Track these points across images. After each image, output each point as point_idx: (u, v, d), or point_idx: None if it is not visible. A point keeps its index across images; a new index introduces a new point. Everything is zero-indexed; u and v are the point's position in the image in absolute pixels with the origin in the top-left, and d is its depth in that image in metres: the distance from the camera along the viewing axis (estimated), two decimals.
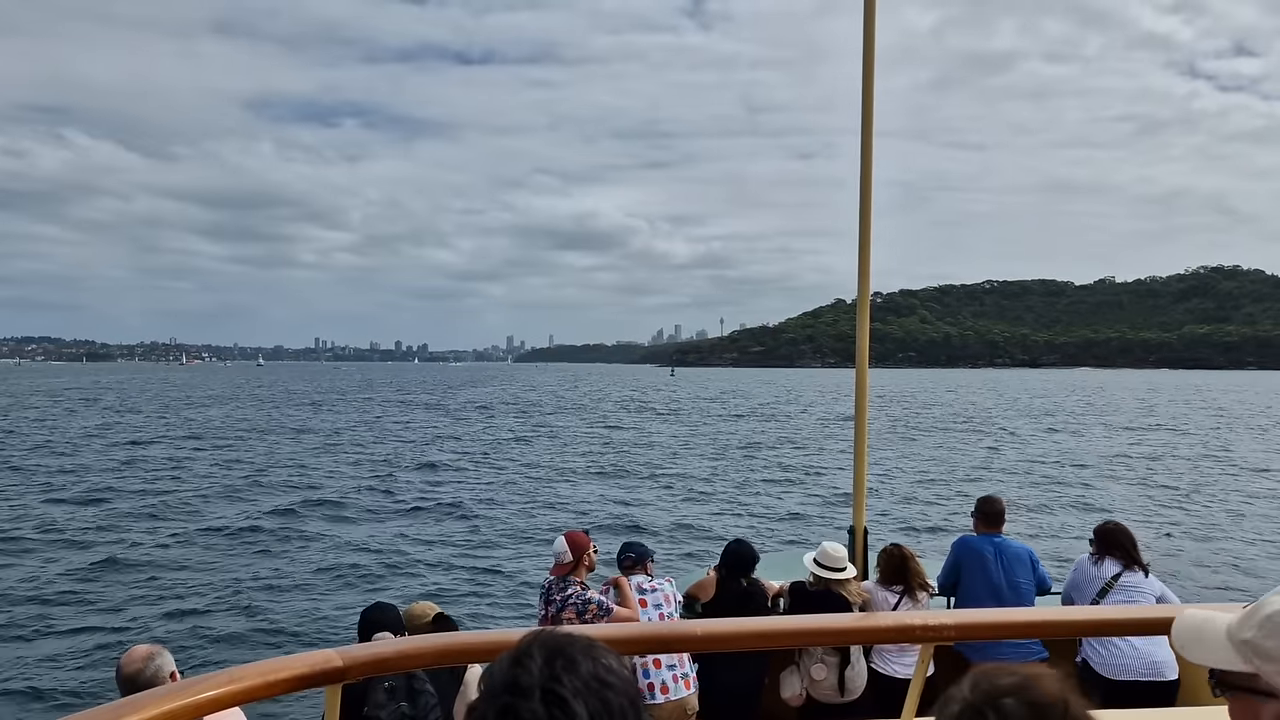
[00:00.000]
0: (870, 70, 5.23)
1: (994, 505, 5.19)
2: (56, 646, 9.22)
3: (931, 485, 22.64)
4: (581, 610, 4.29)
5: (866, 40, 5.21)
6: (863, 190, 5.30)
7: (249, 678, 1.61)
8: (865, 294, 5.37)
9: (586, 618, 4.26)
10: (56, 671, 8.52)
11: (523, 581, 12.31)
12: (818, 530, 15.98)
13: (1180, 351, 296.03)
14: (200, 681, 1.58)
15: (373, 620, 3.76)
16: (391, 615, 3.83)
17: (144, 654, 2.97)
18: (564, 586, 4.40)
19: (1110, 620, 3.09)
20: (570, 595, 4.35)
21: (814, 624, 2.70)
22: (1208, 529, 16.79)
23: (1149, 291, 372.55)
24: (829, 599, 4.70)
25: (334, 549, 14.18)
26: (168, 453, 28.82)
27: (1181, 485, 22.66)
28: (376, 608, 3.92)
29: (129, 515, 16.80)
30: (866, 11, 5.19)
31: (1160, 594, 4.76)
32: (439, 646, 2.02)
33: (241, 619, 10.27)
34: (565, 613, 4.30)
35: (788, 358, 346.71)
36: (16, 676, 8.39)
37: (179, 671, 3.03)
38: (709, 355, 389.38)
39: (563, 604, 4.33)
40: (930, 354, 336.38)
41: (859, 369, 5.35)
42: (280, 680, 1.65)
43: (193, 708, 1.50)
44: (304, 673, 1.69)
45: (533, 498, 20.04)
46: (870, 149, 5.27)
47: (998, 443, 34.87)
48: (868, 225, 5.29)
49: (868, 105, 5.25)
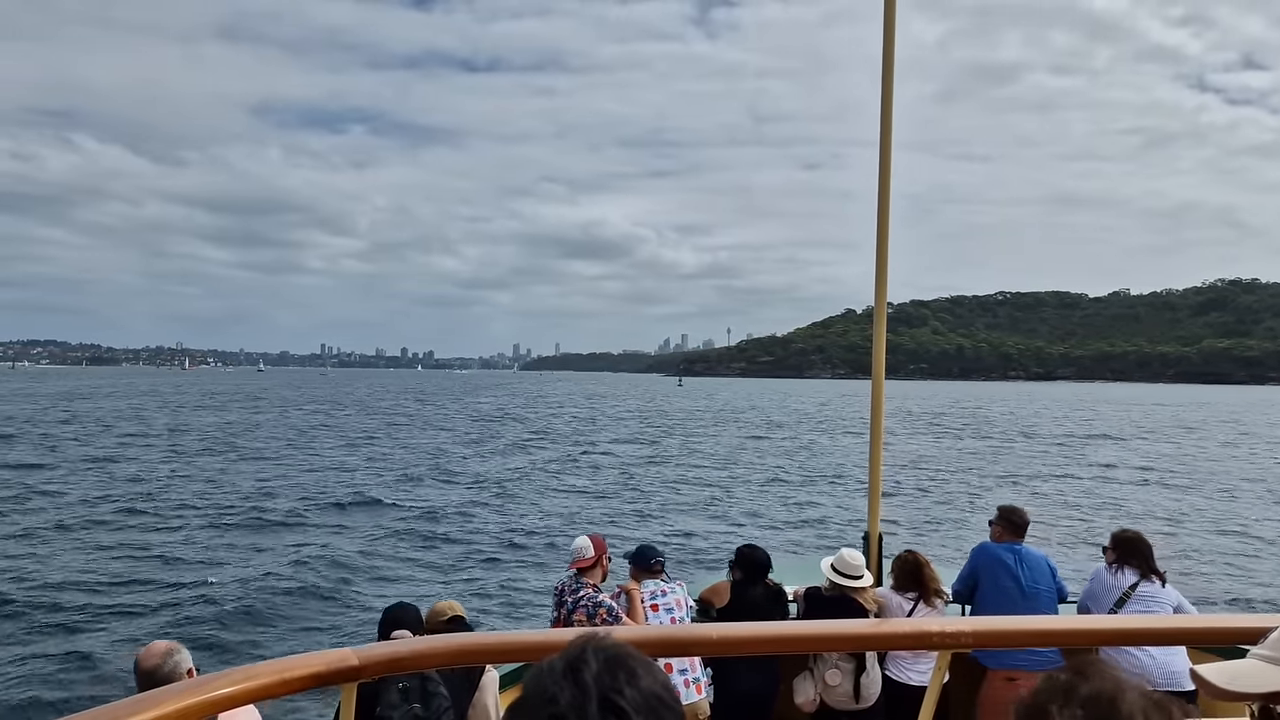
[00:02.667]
0: (889, 84, 5.26)
1: (1021, 515, 5.15)
2: (73, 642, 9.31)
3: (948, 493, 22.50)
4: (592, 613, 4.29)
5: (886, 57, 5.24)
6: (880, 201, 5.32)
7: (264, 675, 1.61)
8: (882, 302, 5.38)
9: (595, 622, 4.25)
10: (72, 667, 8.60)
11: (530, 585, 12.32)
12: (832, 535, 15.95)
13: (1200, 366, 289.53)
14: (216, 678, 1.58)
15: (393, 618, 3.77)
16: (412, 614, 3.83)
17: (162, 650, 2.99)
18: (577, 588, 4.40)
19: (1128, 630, 3.04)
20: (582, 597, 4.35)
21: (830, 629, 2.69)
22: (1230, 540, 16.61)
23: (1165, 304, 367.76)
24: (844, 605, 4.69)
25: (347, 549, 14.24)
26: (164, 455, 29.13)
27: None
28: (398, 606, 3.92)
29: (139, 515, 16.92)
30: (886, 28, 5.22)
31: (1177, 603, 4.71)
32: (455, 647, 2.01)
33: (257, 617, 10.35)
34: (576, 614, 4.29)
35: (797, 368, 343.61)
36: (32, 673, 8.45)
37: (195, 668, 3.04)
38: (717, 365, 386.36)
39: (574, 605, 4.33)
40: (942, 366, 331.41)
41: (875, 377, 5.36)
42: (296, 678, 1.65)
43: (209, 704, 1.50)
44: (319, 671, 1.69)
45: (538, 504, 20.05)
46: (889, 161, 5.30)
47: (1060, 457, 33.97)
48: (885, 235, 5.32)
49: (886, 118, 5.28)
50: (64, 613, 10.29)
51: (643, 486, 23.61)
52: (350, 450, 31.79)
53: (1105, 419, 61.93)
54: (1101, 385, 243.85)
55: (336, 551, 14.03)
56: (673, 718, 0.88)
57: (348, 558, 13.65)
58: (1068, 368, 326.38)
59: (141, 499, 19.00)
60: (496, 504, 19.77)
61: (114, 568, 12.60)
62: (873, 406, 5.39)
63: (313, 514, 17.69)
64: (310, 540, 14.98)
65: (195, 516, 17.05)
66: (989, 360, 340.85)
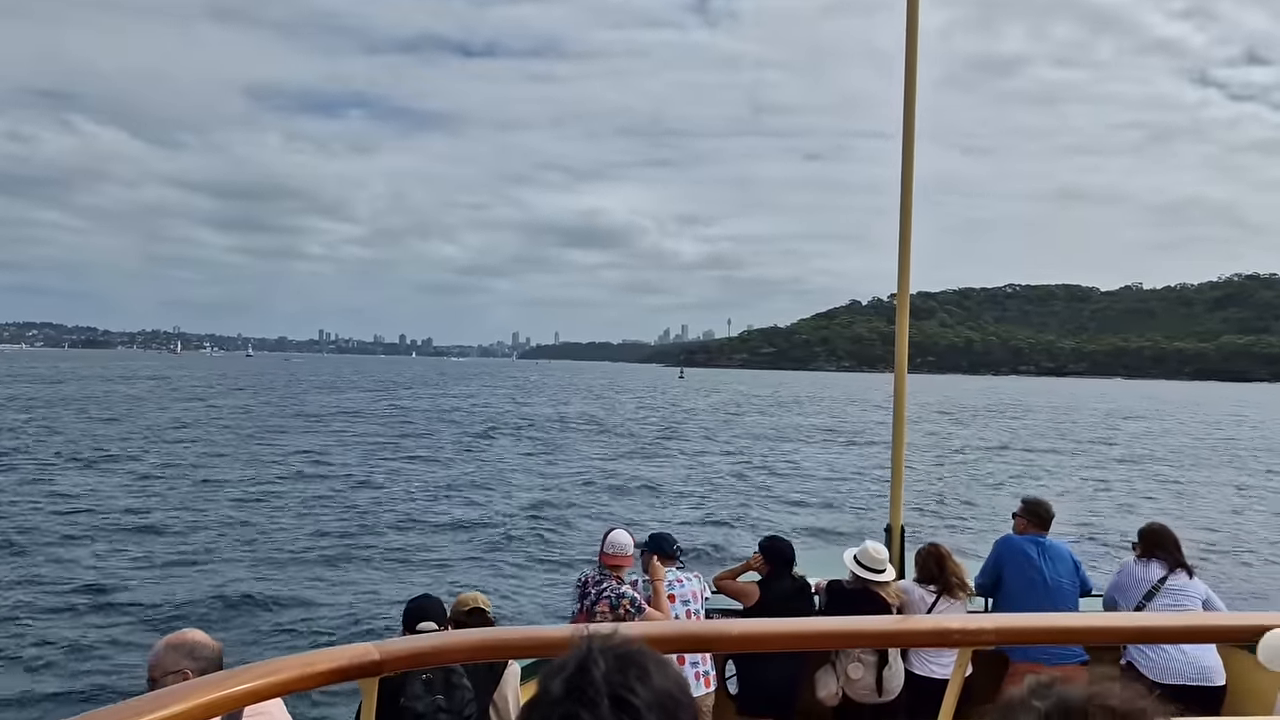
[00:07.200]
0: (913, 77, 5.25)
1: (1045, 508, 5.12)
2: (93, 636, 9.36)
3: (972, 487, 22.44)
4: (615, 604, 4.30)
5: (909, 50, 5.22)
6: (904, 191, 5.31)
7: (287, 670, 1.61)
8: (904, 295, 5.37)
9: (619, 612, 4.26)
10: (91, 661, 8.66)
11: (549, 581, 12.35)
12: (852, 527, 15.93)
13: (1218, 363, 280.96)
14: (239, 673, 1.58)
15: (417, 610, 3.78)
16: (436, 607, 3.84)
17: (193, 640, 2.98)
18: (600, 580, 4.41)
19: (1150, 628, 3.03)
20: (605, 589, 4.36)
21: (851, 626, 2.68)
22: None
23: (1180, 299, 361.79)
24: (866, 599, 4.67)
25: (368, 542, 14.29)
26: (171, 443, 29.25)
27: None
28: (423, 598, 3.93)
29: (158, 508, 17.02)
30: (909, 20, 5.21)
31: (1205, 596, 4.68)
32: (476, 641, 2.02)
33: (279, 610, 10.39)
34: (599, 605, 4.31)
35: (801, 360, 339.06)
36: (48, 667, 8.51)
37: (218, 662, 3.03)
38: (718, 356, 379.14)
39: (597, 597, 4.34)
40: (949, 360, 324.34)
41: (898, 370, 5.36)
42: (318, 673, 1.65)
43: (232, 699, 1.50)
44: (342, 665, 1.68)
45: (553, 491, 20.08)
46: (912, 151, 5.28)
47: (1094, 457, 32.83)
48: (908, 227, 5.32)
49: (909, 110, 5.25)
50: (80, 609, 10.31)
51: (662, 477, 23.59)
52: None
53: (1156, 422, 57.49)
54: (1119, 382, 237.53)
55: (357, 547, 14.06)
56: (686, 716, 0.88)
57: (371, 551, 13.69)
58: (1080, 363, 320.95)
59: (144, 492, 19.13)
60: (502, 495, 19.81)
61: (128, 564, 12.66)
62: (895, 399, 5.38)
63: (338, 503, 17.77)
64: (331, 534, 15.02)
65: (217, 507, 17.14)
66: (998, 354, 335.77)
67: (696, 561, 9.97)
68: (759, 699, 4.66)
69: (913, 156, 5.28)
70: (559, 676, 0.87)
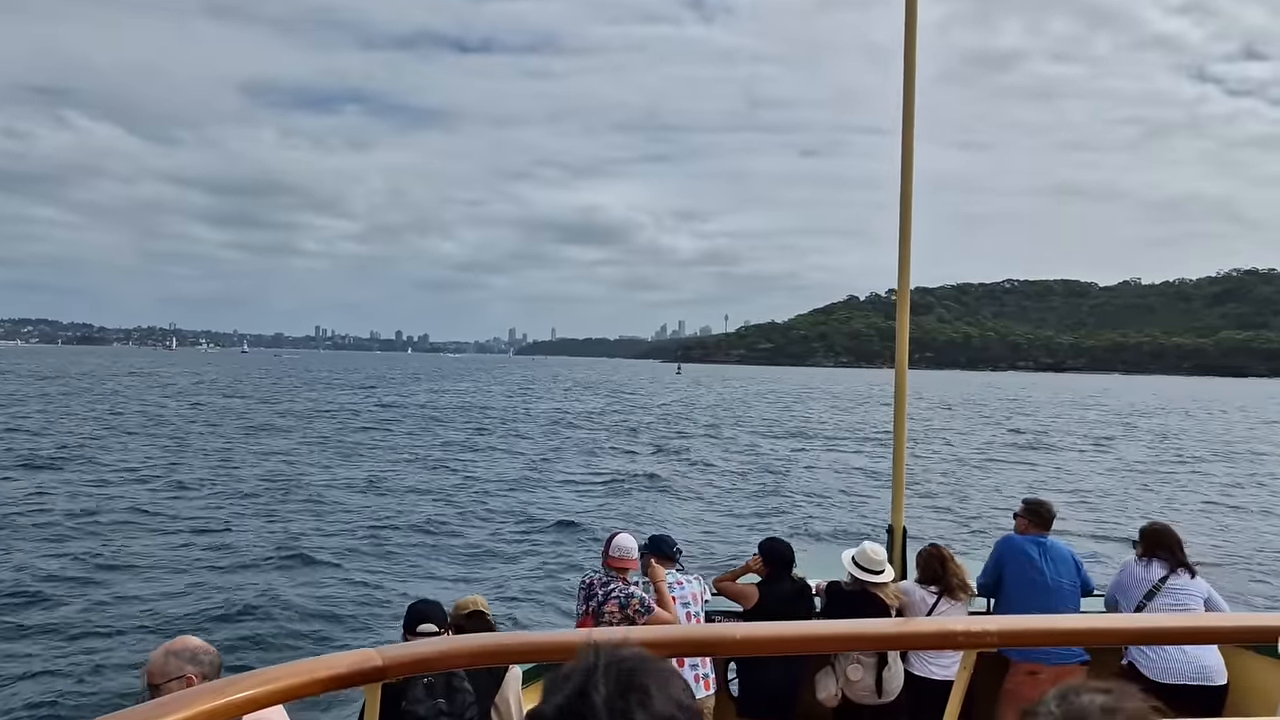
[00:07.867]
0: (911, 72, 5.25)
1: (1046, 508, 5.12)
2: (87, 644, 9.29)
3: (975, 487, 22.43)
4: (624, 604, 4.32)
5: (908, 47, 5.22)
6: (904, 185, 5.30)
7: (288, 677, 1.61)
8: (905, 291, 5.35)
9: (628, 612, 4.29)
10: (87, 670, 8.58)
11: (549, 583, 12.33)
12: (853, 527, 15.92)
13: (1217, 359, 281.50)
14: (239, 680, 1.58)
15: (419, 613, 3.78)
16: (437, 610, 3.84)
17: (194, 645, 2.97)
18: (607, 580, 4.43)
19: (1152, 630, 3.02)
20: (613, 590, 4.38)
21: (853, 629, 2.67)
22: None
23: (1179, 294, 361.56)
24: (865, 600, 4.66)
25: (368, 546, 14.26)
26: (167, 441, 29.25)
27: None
28: (423, 602, 3.93)
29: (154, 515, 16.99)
30: (908, 15, 5.21)
31: (1207, 596, 4.68)
32: (478, 647, 2.01)
33: (280, 618, 10.33)
34: (607, 605, 4.33)
35: (798, 356, 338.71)
36: (52, 675, 8.48)
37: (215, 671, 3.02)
38: (715, 352, 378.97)
39: (605, 598, 4.36)
40: (947, 355, 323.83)
41: (899, 367, 5.35)
42: (320, 679, 1.65)
43: (232, 707, 1.50)
44: (344, 672, 1.68)
45: (546, 492, 20.08)
46: (911, 145, 5.28)
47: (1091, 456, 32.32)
48: (908, 223, 5.30)
49: (908, 104, 5.25)
50: (76, 615, 10.23)
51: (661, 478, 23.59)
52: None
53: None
54: (1118, 377, 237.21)
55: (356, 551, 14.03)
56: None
57: (370, 556, 13.66)
58: (1079, 358, 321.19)
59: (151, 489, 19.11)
60: (512, 496, 19.80)
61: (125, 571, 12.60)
62: (896, 398, 5.36)
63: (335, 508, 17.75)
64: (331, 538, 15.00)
65: (216, 507, 17.12)
66: (996, 350, 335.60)
67: (695, 563, 9.97)
68: (759, 701, 4.66)
69: (912, 151, 5.28)
70: (559, 697, 0.86)
